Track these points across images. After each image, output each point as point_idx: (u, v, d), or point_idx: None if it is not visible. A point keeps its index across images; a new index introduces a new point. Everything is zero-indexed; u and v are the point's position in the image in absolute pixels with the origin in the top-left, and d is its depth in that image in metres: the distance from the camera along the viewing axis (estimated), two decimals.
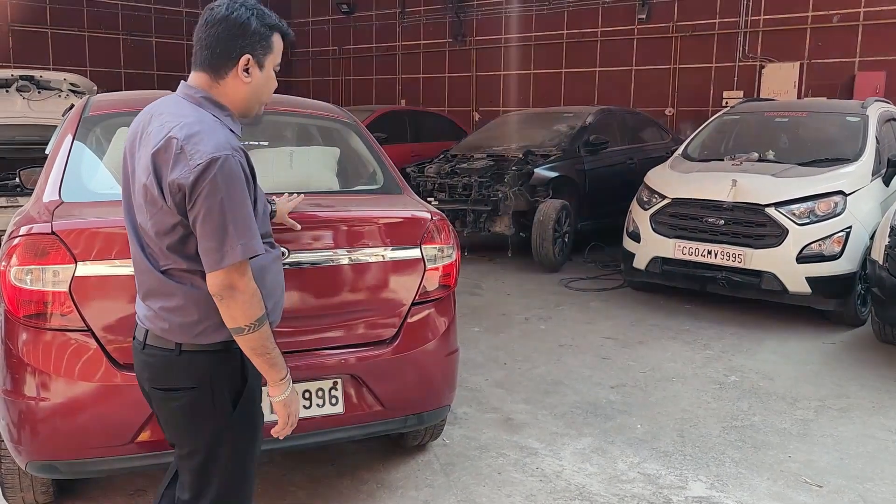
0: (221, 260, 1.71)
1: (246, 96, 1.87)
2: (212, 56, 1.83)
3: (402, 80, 15.09)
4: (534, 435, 3.75)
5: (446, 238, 2.93)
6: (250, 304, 1.77)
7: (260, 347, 1.82)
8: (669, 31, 11.57)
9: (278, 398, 1.91)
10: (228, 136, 1.78)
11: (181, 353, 1.85)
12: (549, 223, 7.23)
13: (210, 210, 1.69)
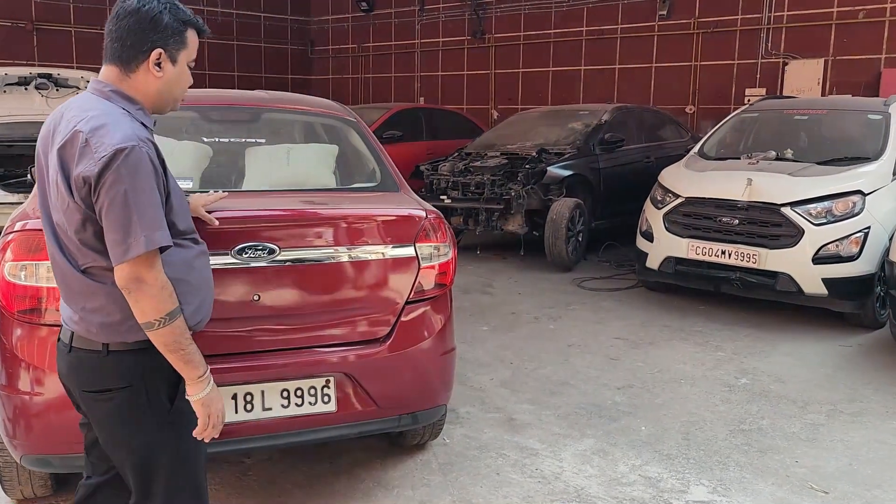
0: (126, 252, 1.69)
1: (158, 91, 1.86)
2: (122, 49, 1.81)
3: (420, 77, 15.08)
4: (536, 436, 3.71)
5: (442, 236, 2.90)
6: (159, 297, 1.74)
7: (173, 343, 1.78)
8: (691, 27, 11.42)
9: (196, 397, 1.85)
10: (137, 128, 1.75)
11: (109, 354, 1.82)
12: (563, 222, 7.17)
13: (113, 201, 1.67)
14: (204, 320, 1.97)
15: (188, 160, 3.02)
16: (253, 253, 2.54)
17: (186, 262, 1.87)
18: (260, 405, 2.64)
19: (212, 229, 2.57)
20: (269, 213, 2.69)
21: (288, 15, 16.78)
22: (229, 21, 15.82)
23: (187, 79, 1.92)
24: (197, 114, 3.37)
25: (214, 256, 2.49)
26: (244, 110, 3.47)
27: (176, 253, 1.83)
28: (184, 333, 1.79)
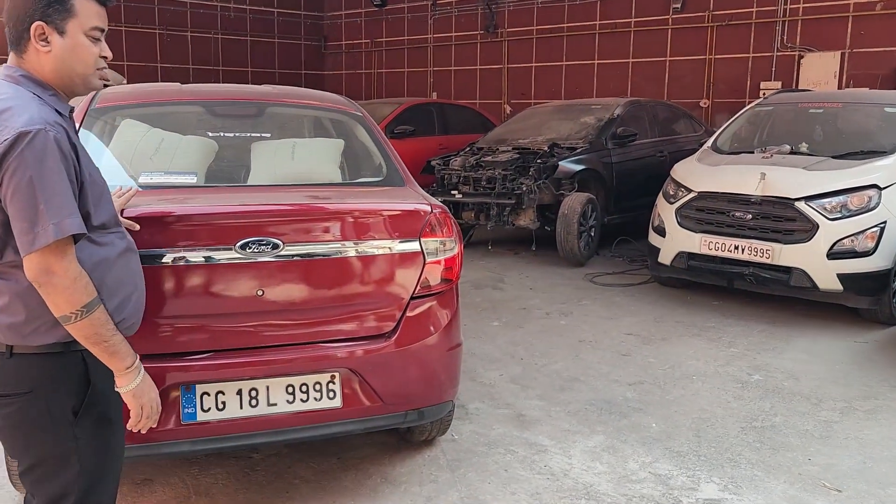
0: (34, 242, 1.57)
1: (53, 67, 1.71)
2: (11, 31, 1.71)
3: (433, 72, 15.04)
4: (545, 432, 3.68)
5: (448, 231, 2.87)
6: (73, 288, 1.62)
7: (94, 336, 1.67)
8: (705, 20, 11.29)
9: (126, 388, 1.77)
10: (46, 112, 1.64)
11: (11, 357, 1.69)
12: (574, 217, 7.12)
13: (18, 187, 1.55)
14: (128, 322, 1.83)
15: (193, 155, 3.02)
16: (257, 248, 2.53)
17: (102, 261, 1.74)
18: (265, 400, 2.63)
19: (215, 223, 2.57)
20: (272, 208, 2.67)
21: (301, 10, 16.79)
22: (242, 17, 15.86)
23: (87, 51, 1.73)
24: (202, 108, 3.37)
25: (218, 251, 2.51)
26: (249, 105, 3.46)
27: (90, 251, 1.70)
28: (105, 325, 1.68)
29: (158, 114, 3.25)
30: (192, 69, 15.04)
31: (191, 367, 2.55)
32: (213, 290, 2.54)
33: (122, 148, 2.96)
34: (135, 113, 3.13)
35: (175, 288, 2.50)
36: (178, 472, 3.23)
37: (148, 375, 1.81)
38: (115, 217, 1.83)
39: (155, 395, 1.85)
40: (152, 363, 2.46)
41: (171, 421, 2.53)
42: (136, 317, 1.88)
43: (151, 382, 1.84)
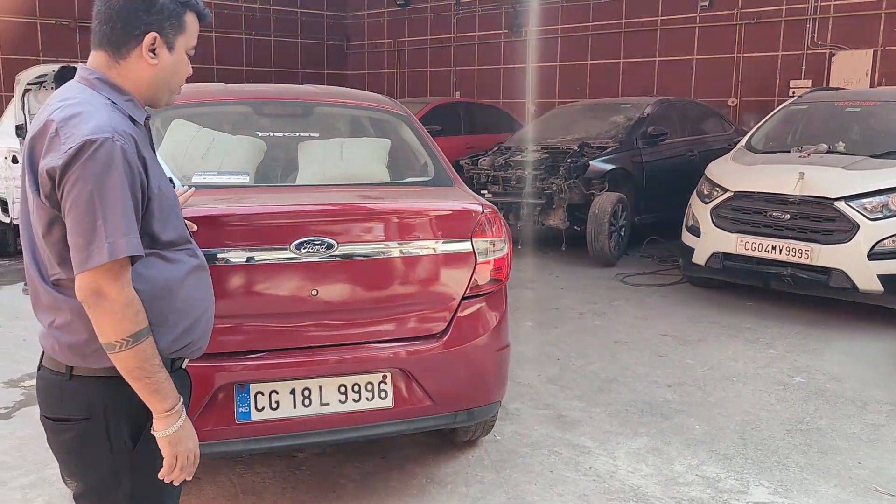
0: (87, 260, 1.46)
1: (152, 80, 1.64)
2: (112, 32, 1.59)
3: (456, 71, 15.03)
4: (587, 433, 3.66)
5: (498, 231, 2.86)
6: (122, 315, 1.48)
7: (137, 370, 1.52)
8: (733, 18, 11.19)
9: (163, 433, 1.58)
10: (116, 120, 1.53)
11: (72, 378, 1.60)
12: (605, 216, 7.09)
13: (77, 200, 1.45)
14: (196, 345, 1.71)
15: (244, 155, 3.03)
16: (311, 247, 2.53)
17: (172, 279, 1.62)
18: (318, 400, 2.63)
19: (271, 223, 2.57)
20: (327, 208, 2.68)
21: (324, 10, 16.84)
22: (267, 17, 15.94)
23: (185, 69, 1.70)
24: (250, 108, 3.38)
25: (272, 251, 2.51)
26: (297, 105, 3.47)
27: (157, 267, 1.59)
28: (150, 360, 1.53)
29: (208, 114, 3.26)
30: (216, 69, 15.13)
31: (245, 366, 2.56)
32: (268, 289, 2.55)
33: (173, 148, 2.98)
34: (184, 113, 3.14)
35: (231, 287, 2.51)
36: (224, 470, 3.24)
37: (189, 422, 1.63)
38: (185, 233, 1.71)
39: (194, 444, 1.64)
40: (206, 362, 2.48)
41: (226, 420, 2.54)
42: (203, 340, 1.75)
43: (192, 430, 1.64)
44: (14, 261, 7.40)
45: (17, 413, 3.84)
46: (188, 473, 1.65)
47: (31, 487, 3.07)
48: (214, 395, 2.52)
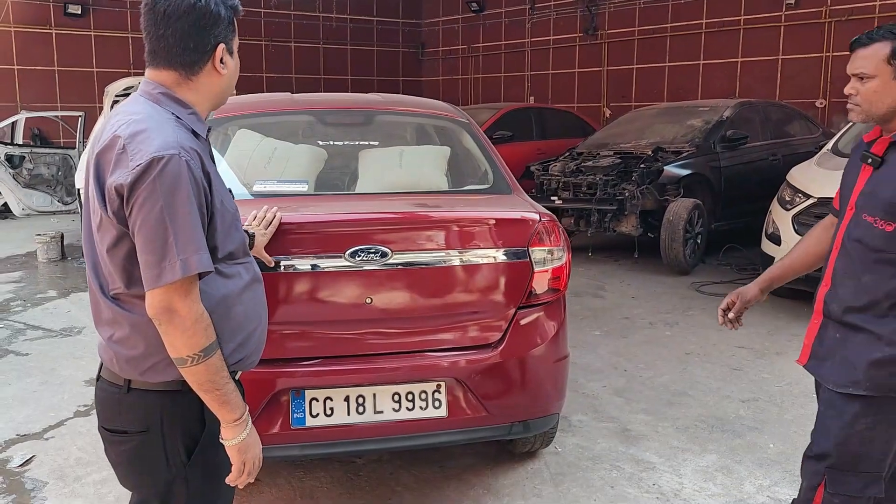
0: (159, 277, 1.47)
1: (223, 88, 1.68)
2: (184, 52, 1.60)
3: (530, 76, 14.93)
4: (652, 448, 3.54)
5: (556, 240, 2.80)
6: (193, 330, 1.51)
7: (207, 383, 1.56)
8: (822, 16, 10.69)
9: (232, 442, 1.63)
10: (181, 136, 1.55)
11: (129, 391, 1.63)
12: (680, 223, 6.87)
13: (147, 217, 1.46)
14: (249, 359, 1.73)
15: (304, 163, 3.08)
16: (366, 256, 2.54)
17: (229, 294, 1.64)
18: (372, 408, 2.64)
19: (325, 231, 2.60)
20: (381, 216, 2.69)
21: (399, 18, 17.06)
22: (343, 27, 16.28)
23: (238, 68, 1.72)
24: (312, 117, 3.43)
25: (327, 259, 2.53)
26: (357, 113, 3.50)
27: (215, 282, 1.60)
28: (219, 372, 1.57)
29: (271, 123, 3.34)
30: (294, 78, 15.56)
31: (300, 372, 2.60)
32: (323, 297, 2.58)
33: (237, 157, 3.06)
34: (249, 123, 3.22)
35: (287, 295, 2.55)
36: (283, 473, 3.29)
37: (254, 430, 1.68)
38: (243, 246, 1.72)
39: (259, 450, 1.70)
40: (263, 368, 2.52)
41: (281, 425, 2.57)
42: (256, 354, 1.77)
43: (257, 437, 1.70)
44: None
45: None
46: (253, 478, 1.70)
47: (103, 483, 3.20)
48: (270, 400, 2.55)
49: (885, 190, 1.95)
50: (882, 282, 1.96)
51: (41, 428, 3.79)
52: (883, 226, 1.94)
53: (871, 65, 1.92)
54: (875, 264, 1.97)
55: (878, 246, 1.96)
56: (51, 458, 3.45)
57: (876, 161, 1.99)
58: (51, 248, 7.89)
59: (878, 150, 1.99)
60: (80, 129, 9.65)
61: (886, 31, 1.93)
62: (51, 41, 13.21)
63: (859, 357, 2.00)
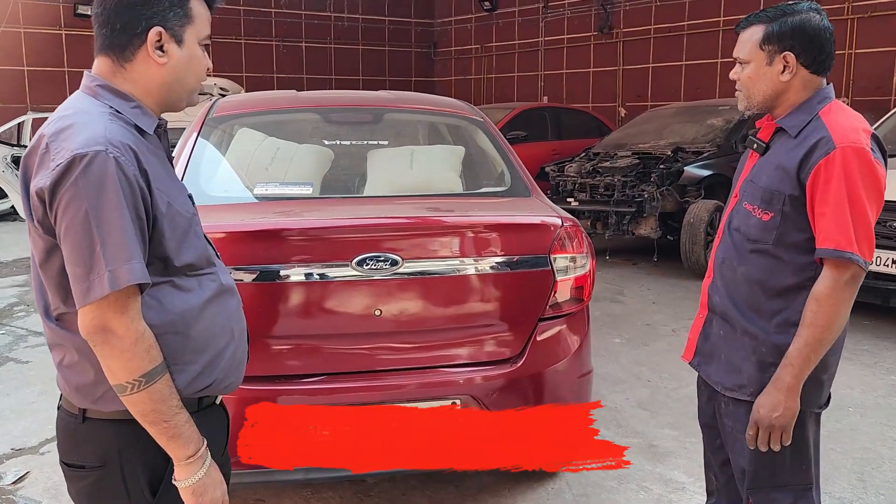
0: (87, 292, 1.29)
1: (164, 81, 1.44)
2: (112, 34, 1.40)
3: (544, 76, 14.71)
4: (681, 466, 3.33)
5: (579, 246, 2.60)
6: (132, 353, 1.31)
7: (152, 413, 1.35)
8: (844, 12, 10.41)
9: (184, 483, 1.41)
10: (114, 131, 1.34)
11: (84, 421, 1.44)
12: (701, 225, 6.65)
13: (71, 224, 1.28)
14: (224, 382, 1.52)
15: (309, 164, 2.90)
16: (374, 264, 2.35)
17: (188, 309, 1.44)
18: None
19: (330, 238, 2.41)
20: (392, 221, 2.49)
21: (412, 18, 16.89)
22: (355, 26, 16.13)
23: (201, 62, 1.49)
24: (318, 115, 3.25)
25: (332, 268, 2.34)
26: (365, 111, 3.32)
27: (169, 297, 1.41)
28: (166, 401, 1.36)
29: (274, 122, 3.16)
30: (305, 78, 15.41)
31: (304, 391, 2.40)
32: (328, 308, 2.39)
33: (238, 158, 2.88)
34: (251, 121, 3.04)
35: (288, 306, 2.36)
36: (290, 493, 3.10)
37: (216, 467, 1.46)
38: (206, 255, 1.51)
39: (222, 493, 1.47)
40: (264, 386, 2.35)
41: None
42: (233, 376, 1.55)
43: (219, 477, 1.47)
44: None
45: None
46: None
47: None
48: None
49: (763, 177, 1.83)
50: (756, 275, 1.84)
51: (37, 441, 3.62)
52: (760, 214, 1.83)
53: (747, 49, 1.84)
54: (750, 255, 1.85)
55: (755, 236, 1.84)
56: (45, 476, 3.29)
57: (762, 147, 1.89)
58: None
59: (764, 136, 1.89)
60: None
61: (763, 15, 1.83)
62: (60, 42, 13.12)
63: (742, 359, 1.89)
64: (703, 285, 2.04)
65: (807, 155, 1.76)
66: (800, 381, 1.77)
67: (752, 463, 1.91)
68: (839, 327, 1.77)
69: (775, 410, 1.77)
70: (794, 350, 1.76)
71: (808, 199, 1.76)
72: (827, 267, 1.74)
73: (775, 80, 1.81)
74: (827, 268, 1.74)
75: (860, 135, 1.76)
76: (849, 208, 1.71)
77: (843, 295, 1.74)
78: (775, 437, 1.79)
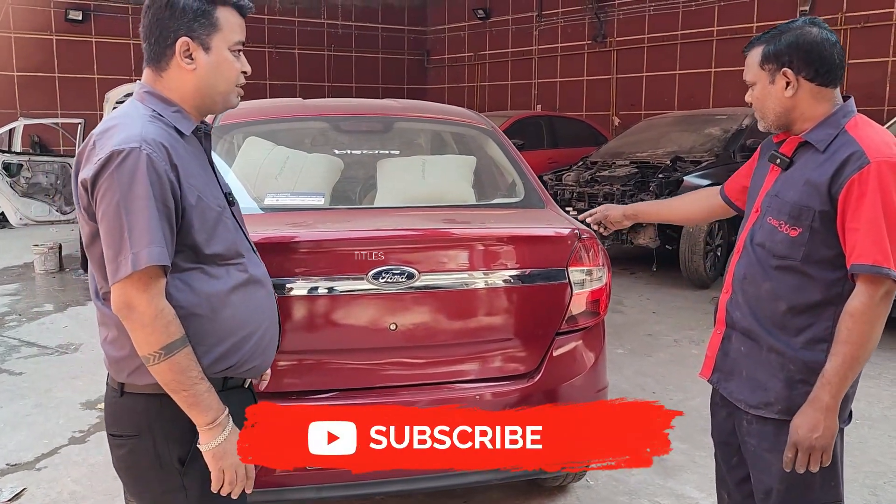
0: (116, 272, 1.45)
1: (195, 86, 1.58)
2: (150, 47, 1.57)
3: (538, 84, 14.71)
4: (692, 481, 3.28)
5: (595, 259, 2.56)
6: (153, 327, 1.45)
7: (173, 382, 1.48)
8: (838, 22, 10.46)
9: (206, 447, 1.53)
10: (151, 130, 1.49)
11: (122, 395, 1.58)
12: (700, 235, 6.63)
13: (107, 211, 1.45)
14: (247, 366, 1.63)
15: (319, 174, 2.84)
16: (390, 277, 2.29)
17: (215, 293, 1.56)
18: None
19: (345, 250, 2.35)
20: (408, 234, 2.44)
21: (405, 25, 16.87)
22: (348, 33, 16.08)
23: (230, 67, 1.60)
24: (327, 124, 3.19)
25: (347, 281, 2.29)
26: (375, 120, 3.26)
27: (199, 281, 1.55)
28: (186, 372, 1.48)
29: (283, 130, 3.10)
30: (299, 85, 15.33)
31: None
32: (342, 322, 2.33)
33: (246, 167, 2.81)
34: (259, 130, 2.98)
35: (301, 321, 2.30)
36: None
37: (236, 433, 1.56)
38: (236, 247, 1.62)
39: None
40: (276, 402, 2.27)
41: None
42: (257, 360, 1.65)
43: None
44: None
45: (92, 437, 3.76)
46: (237, 488, 1.59)
47: None
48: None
49: (790, 192, 1.80)
50: (782, 291, 1.81)
51: (33, 457, 3.54)
52: (787, 230, 1.79)
53: (752, 72, 1.86)
54: (776, 271, 1.82)
55: (781, 252, 1.81)
56: (42, 492, 3.20)
57: (784, 162, 1.86)
58: (48, 259, 7.65)
59: (787, 150, 1.86)
60: (79, 137, 9.40)
61: (763, 36, 1.85)
62: (51, 47, 12.99)
63: (768, 376, 1.84)
64: (720, 301, 2.00)
65: (839, 170, 1.72)
66: (838, 399, 1.73)
67: (782, 482, 1.87)
68: (875, 343, 1.73)
69: (815, 431, 1.72)
70: (832, 368, 1.71)
71: (840, 214, 1.73)
72: (861, 283, 1.70)
73: (780, 97, 1.80)
74: (861, 284, 1.70)
75: (893, 149, 1.74)
76: (885, 223, 1.67)
77: (879, 310, 1.70)
78: (815, 459, 1.75)
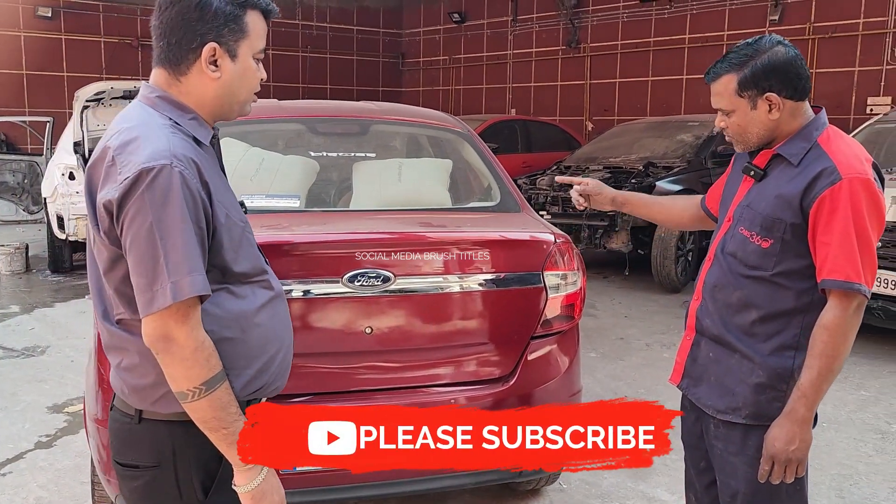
0: (151, 303, 1.33)
1: (217, 95, 1.46)
2: (169, 48, 1.43)
3: (512, 88, 14.78)
4: (663, 484, 3.32)
5: (570, 263, 2.58)
6: (193, 360, 1.33)
7: (213, 420, 1.37)
8: (806, 32, 10.67)
9: (244, 489, 1.43)
10: (176, 144, 1.36)
11: (140, 422, 1.48)
12: (672, 240, 6.71)
13: (137, 236, 1.31)
14: (272, 386, 1.55)
15: (294, 176, 2.82)
16: (366, 280, 2.29)
17: (243, 314, 1.47)
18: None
19: (321, 253, 2.34)
20: (385, 237, 2.43)
21: (380, 28, 16.84)
22: (323, 35, 16.01)
23: (253, 75, 1.50)
24: (302, 126, 3.17)
25: (322, 284, 2.28)
26: (352, 122, 3.25)
27: (226, 304, 1.45)
28: (226, 408, 1.38)
29: (257, 132, 3.08)
30: (273, 86, 15.21)
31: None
32: (317, 326, 2.32)
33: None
34: (233, 131, 2.95)
35: None
36: None
37: (274, 473, 1.46)
38: (260, 263, 1.54)
39: (280, 497, 1.49)
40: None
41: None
42: (280, 379, 1.58)
43: (277, 482, 1.47)
44: (70, 277, 7.40)
45: (59, 442, 3.69)
46: None
47: None
48: None
49: (762, 204, 1.82)
50: (753, 300, 1.83)
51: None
52: (759, 241, 1.81)
53: (726, 100, 1.82)
54: (747, 280, 1.84)
55: (752, 262, 1.82)
56: (7, 498, 3.13)
57: (759, 174, 1.87)
58: (14, 260, 7.49)
59: (761, 162, 1.87)
60: (48, 136, 9.24)
61: (728, 64, 1.81)
62: (20, 44, 12.75)
63: (736, 382, 1.86)
64: (690, 308, 2.01)
65: (811, 184, 1.73)
66: (812, 411, 1.75)
67: (748, 486, 1.89)
68: (847, 354, 1.75)
69: (791, 443, 1.74)
70: (807, 381, 1.73)
71: (811, 228, 1.74)
72: (834, 297, 1.72)
73: (765, 121, 1.79)
74: (834, 298, 1.72)
75: (864, 165, 1.75)
76: (856, 239, 1.69)
77: (852, 323, 1.73)
78: (791, 471, 1.77)
